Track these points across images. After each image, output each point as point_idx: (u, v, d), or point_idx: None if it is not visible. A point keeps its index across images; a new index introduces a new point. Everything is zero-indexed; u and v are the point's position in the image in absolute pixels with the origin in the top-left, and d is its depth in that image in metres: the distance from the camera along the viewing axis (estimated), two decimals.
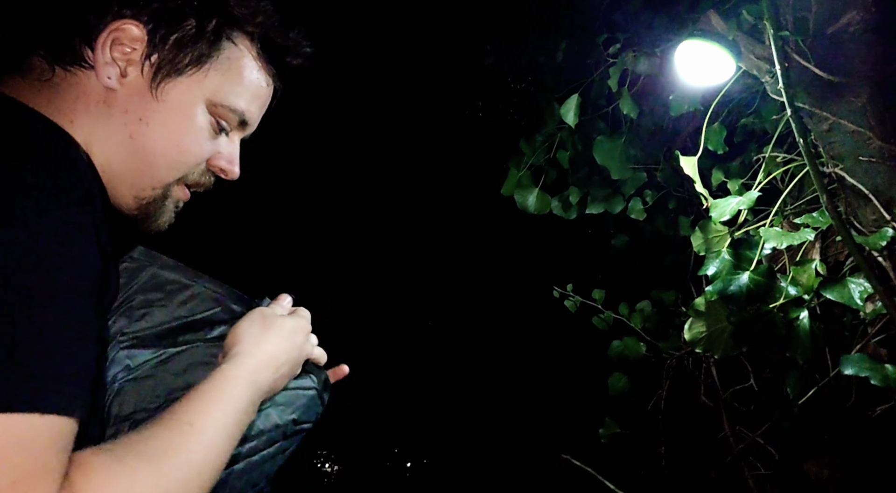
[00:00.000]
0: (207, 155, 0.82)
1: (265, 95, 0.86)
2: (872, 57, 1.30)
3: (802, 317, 1.37)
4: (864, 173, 1.35)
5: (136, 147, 0.77)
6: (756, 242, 1.44)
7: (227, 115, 0.81)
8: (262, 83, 0.84)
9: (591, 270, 2.43)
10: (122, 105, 0.76)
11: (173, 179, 0.80)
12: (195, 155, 0.80)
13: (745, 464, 1.82)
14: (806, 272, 1.38)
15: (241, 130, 0.86)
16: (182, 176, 0.81)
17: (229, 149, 0.85)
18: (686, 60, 1.53)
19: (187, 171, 0.81)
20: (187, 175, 0.82)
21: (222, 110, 0.80)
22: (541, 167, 2.17)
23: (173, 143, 0.78)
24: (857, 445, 1.47)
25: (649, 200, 2.15)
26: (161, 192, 0.80)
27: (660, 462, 2.07)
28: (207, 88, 0.79)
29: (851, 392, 1.43)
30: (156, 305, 0.84)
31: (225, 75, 0.80)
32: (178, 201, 0.85)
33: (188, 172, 0.81)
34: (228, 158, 0.85)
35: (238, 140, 0.87)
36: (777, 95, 1.39)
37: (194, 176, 0.83)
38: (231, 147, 0.86)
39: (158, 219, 0.83)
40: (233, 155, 0.86)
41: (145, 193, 0.79)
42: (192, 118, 0.79)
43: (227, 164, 0.85)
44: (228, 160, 0.85)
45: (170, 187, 0.81)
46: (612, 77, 1.88)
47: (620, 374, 2.12)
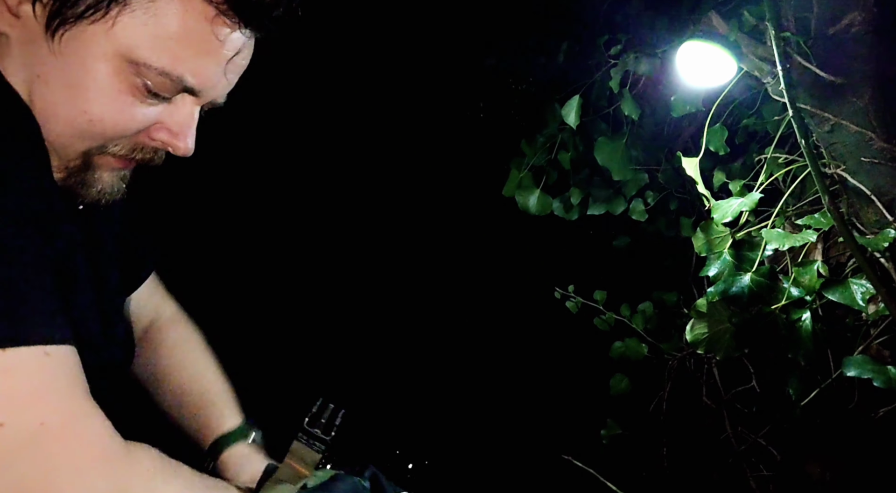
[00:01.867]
0: (136, 127, 0.65)
1: (221, 51, 0.64)
2: (874, 58, 1.29)
3: (804, 318, 1.37)
4: (866, 174, 1.35)
5: (40, 110, 0.61)
6: (758, 243, 1.44)
7: (157, 78, 0.62)
8: (212, 35, 0.62)
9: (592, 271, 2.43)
10: (19, 57, 0.61)
11: (87, 148, 0.65)
12: (112, 126, 0.63)
13: (746, 465, 1.81)
14: (808, 273, 1.38)
15: (193, 97, 0.67)
16: (103, 146, 0.66)
17: (176, 119, 0.67)
18: (687, 61, 1.53)
19: (106, 142, 0.65)
20: (111, 148, 0.66)
21: (147, 72, 0.61)
22: (542, 168, 2.17)
23: (79, 109, 0.62)
24: (859, 446, 1.47)
25: (651, 201, 2.14)
26: (79, 163, 0.66)
27: (661, 463, 2.06)
28: (120, 41, 0.60)
29: (854, 394, 1.43)
30: None
31: (146, 24, 0.60)
32: (119, 171, 0.70)
33: (107, 144, 0.66)
34: (174, 129, 0.67)
35: (193, 110, 0.68)
36: (779, 95, 1.39)
37: (121, 149, 0.67)
38: (179, 117, 0.67)
39: (90, 189, 0.69)
40: (181, 126, 0.68)
41: (63, 163, 0.66)
42: (99, 79, 0.61)
43: (170, 137, 0.68)
44: (172, 132, 0.68)
45: (91, 157, 0.66)
46: (614, 78, 1.88)
47: (622, 375, 2.12)
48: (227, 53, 0.65)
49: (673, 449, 2.05)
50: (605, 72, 1.97)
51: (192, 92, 0.66)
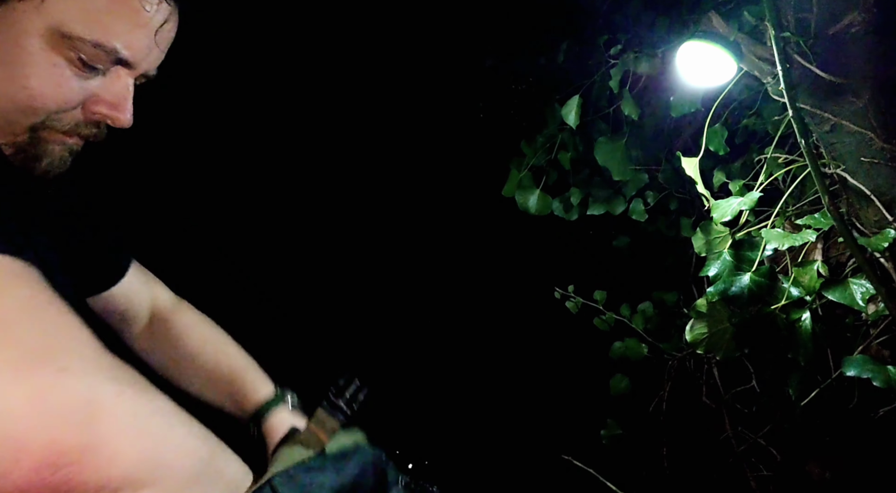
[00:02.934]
0: (76, 99, 0.67)
1: (148, 21, 0.67)
2: (874, 58, 1.29)
3: (804, 318, 1.37)
4: (866, 174, 1.35)
5: None
6: (758, 243, 1.44)
7: (90, 50, 0.64)
8: (140, 6, 0.65)
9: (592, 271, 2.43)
10: None
11: (32, 123, 0.67)
12: (52, 99, 0.66)
13: (746, 465, 1.81)
14: (808, 273, 1.38)
15: (127, 69, 0.69)
16: (44, 121, 0.67)
17: (113, 91, 0.69)
18: (687, 61, 1.53)
19: (46, 117, 0.67)
20: (52, 121, 0.68)
21: (80, 44, 0.63)
22: (542, 168, 2.17)
23: (18, 84, 0.64)
24: (859, 446, 1.47)
25: (651, 201, 2.14)
26: (27, 137, 0.68)
27: (661, 463, 2.06)
28: (51, 16, 0.62)
29: (854, 394, 1.43)
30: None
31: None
32: (66, 147, 0.71)
33: (50, 118, 0.67)
34: (112, 102, 0.70)
35: (128, 81, 0.70)
36: (778, 95, 1.39)
37: (65, 124, 0.69)
38: (115, 89, 0.69)
39: (40, 164, 0.70)
40: (118, 98, 0.70)
41: (9, 139, 0.67)
42: (34, 54, 0.63)
43: (109, 110, 0.70)
44: (111, 105, 0.70)
45: (37, 132, 0.68)
46: (614, 78, 1.88)
47: (622, 375, 2.12)
48: (156, 24, 0.68)
49: (673, 449, 2.05)
50: (605, 72, 1.97)
51: (126, 63, 0.68)
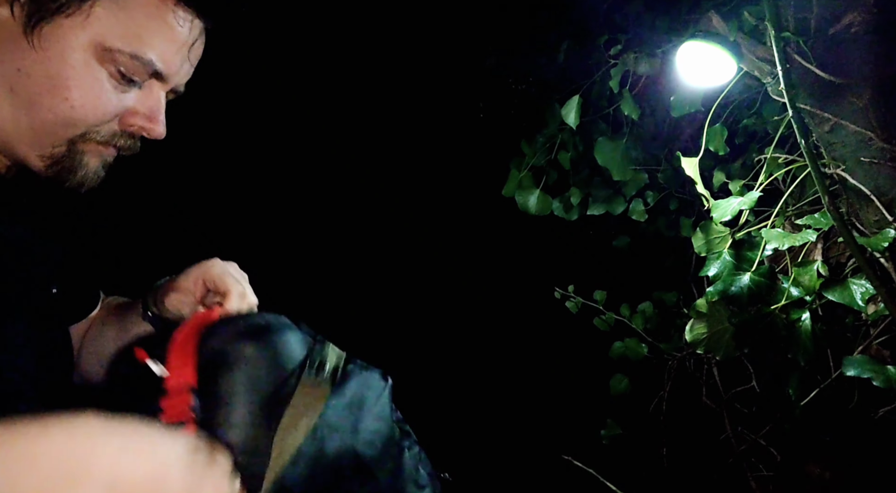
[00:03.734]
0: (114, 111, 0.71)
1: (182, 37, 0.72)
2: (874, 58, 1.29)
3: (804, 318, 1.37)
4: (866, 174, 1.35)
5: (21, 102, 0.66)
6: (757, 243, 1.44)
7: (129, 63, 0.68)
8: (175, 23, 0.70)
9: (592, 271, 2.43)
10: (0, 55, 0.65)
11: (72, 136, 0.70)
12: (93, 111, 0.69)
13: (746, 465, 1.81)
14: (808, 273, 1.38)
15: (161, 83, 0.73)
16: (84, 133, 0.70)
17: (148, 104, 0.73)
18: (687, 61, 1.53)
19: (88, 128, 0.70)
20: (91, 133, 0.71)
21: (120, 57, 0.67)
22: (542, 168, 2.17)
23: (61, 96, 0.67)
24: (859, 446, 1.47)
25: (650, 202, 2.14)
26: (65, 149, 0.70)
27: (661, 464, 2.06)
28: (95, 31, 0.66)
29: (854, 394, 1.43)
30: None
31: (117, 15, 0.67)
32: (101, 158, 0.74)
33: (90, 130, 0.70)
34: (147, 114, 0.73)
35: (161, 94, 0.74)
36: (778, 95, 1.39)
37: (103, 135, 0.72)
38: (150, 102, 0.73)
39: (75, 176, 0.72)
40: (153, 111, 0.74)
41: (46, 151, 0.70)
42: (78, 67, 0.66)
43: (145, 122, 0.73)
44: (147, 117, 0.73)
45: (75, 144, 0.71)
46: (614, 78, 1.88)
47: (622, 375, 2.12)
48: (188, 40, 0.73)
49: (673, 449, 2.05)
50: (605, 72, 1.97)
51: (160, 76, 0.72)
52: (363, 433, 0.65)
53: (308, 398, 0.64)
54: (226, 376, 0.61)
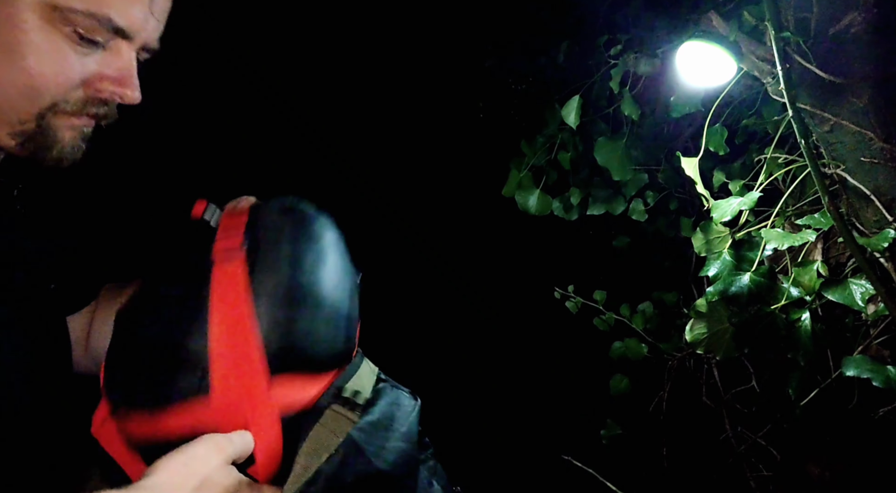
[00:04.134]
0: (78, 76, 0.65)
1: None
2: (874, 58, 1.29)
3: (804, 318, 1.37)
4: (866, 174, 1.35)
5: None
6: (757, 243, 1.44)
7: (85, 22, 0.62)
8: None
9: (592, 271, 2.43)
10: None
11: (39, 109, 0.65)
12: (54, 78, 0.63)
13: (746, 465, 1.81)
14: (807, 273, 1.38)
15: (128, 42, 0.67)
16: (52, 105, 0.65)
17: (116, 66, 0.67)
18: (687, 61, 1.53)
19: (54, 98, 0.65)
20: (59, 104, 0.65)
21: (75, 17, 0.62)
22: (542, 168, 2.17)
23: (17, 66, 0.61)
24: (859, 446, 1.47)
25: (650, 202, 2.14)
26: (35, 125, 0.65)
27: (661, 464, 2.06)
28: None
29: (853, 394, 1.43)
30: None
31: None
32: (75, 130, 0.69)
33: (57, 100, 0.65)
34: (116, 77, 0.68)
35: (130, 55, 0.68)
36: (778, 96, 1.39)
37: (72, 105, 0.66)
38: (118, 63, 0.67)
39: (51, 153, 0.67)
40: (122, 73, 0.68)
41: (16, 129, 0.65)
42: (30, 31, 0.61)
43: (115, 86, 0.68)
44: (117, 81, 0.68)
45: (44, 118, 0.66)
46: (614, 78, 1.88)
47: (622, 375, 2.12)
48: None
49: (673, 449, 2.05)
50: (604, 72, 1.97)
51: (124, 34, 0.66)
52: (388, 453, 0.68)
53: (338, 422, 0.67)
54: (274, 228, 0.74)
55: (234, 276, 0.68)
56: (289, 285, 0.70)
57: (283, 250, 0.72)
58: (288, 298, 0.69)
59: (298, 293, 0.70)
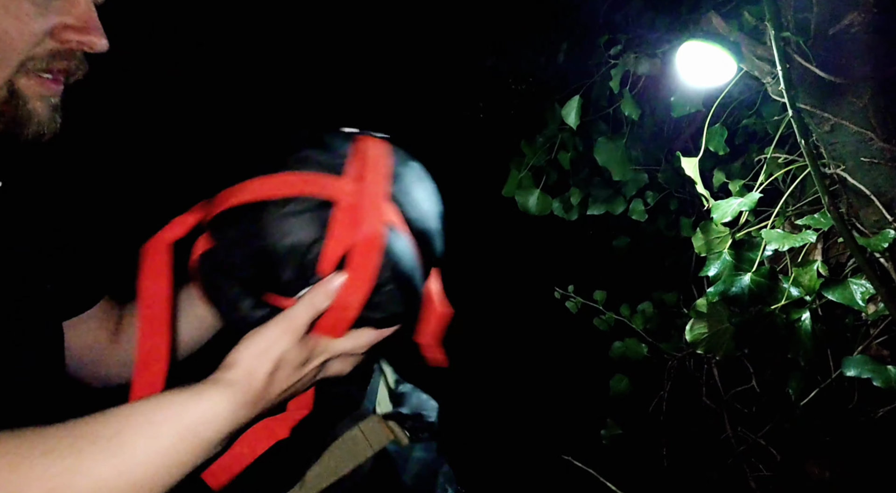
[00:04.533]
0: (40, 29, 0.62)
1: None
2: (874, 58, 1.29)
3: (804, 318, 1.37)
4: (866, 174, 1.35)
5: None
6: (757, 243, 1.44)
7: None
8: None
9: (592, 271, 2.43)
10: None
11: (9, 72, 0.62)
12: (18, 34, 0.61)
13: (746, 465, 1.81)
14: (808, 273, 1.38)
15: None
16: (20, 65, 0.62)
17: (76, 13, 0.64)
18: (687, 61, 1.53)
19: (23, 56, 0.62)
20: (27, 62, 0.63)
21: None
22: (542, 168, 2.17)
23: None
24: (859, 446, 1.47)
25: (650, 202, 2.14)
26: (6, 92, 0.63)
27: (661, 463, 2.06)
28: None
29: (853, 394, 1.43)
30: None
31: None
32: (49, 98, 0.66)
33: (24, 59, 0.62)
34: (78, 25, 0.64)
35: (87, 1, 0.66)
36: (778, 95, 1.39)
37: (40, 61, 0.64)
38: (77, 11, 0.64)
39: (28, 127, 0.65)
40: (84, 19, 0.65)
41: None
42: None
43: (80, 35, 0.65)
44: (79, 29, 0.64)
45: (14, 84, 0.63)
46: (614, 78, 1.88)
47: (622, 375, 2.12)
48: None
49: (673, 449, 2.05)
50: (605, 72, 1.97)
51: None
52: (413, 464, 0.71)
53: (377, 433, 0.71)
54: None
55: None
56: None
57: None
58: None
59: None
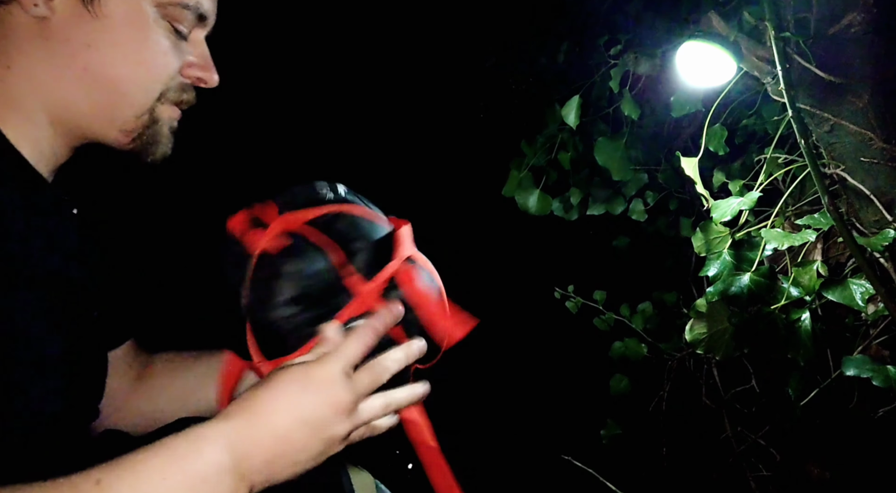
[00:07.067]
0: (178, 65, 0.72)
1: None
2: (874, 58, 1.29)
3: (804, 318, 1.37)
4: (866, 174, 1.35)
5: (96, 78, 0.67)
6: (757, 243, 1.44)
7: (180, 13, 0.70)
8: None
9: (592, 271, 2.43)
10: (61, 34, 0.65)
11: (152, 100, 0.71)
12: (164, 68, 0.70)
13: (746, 465, 1.81)
14: (807, 273, 1.38)
15: (201, 28, 0.75)
16: (161, 95, 0.71)
17: (198, 52, 0.75)
18: (687, 61, 1.53)
19: (163, 88, 0.71)
20: (165, 92, 0.72)
21: (173, 10, 0.69)
22: (542, 168, 2.17)
23: (134, 61, 0.68)
24: (859, 446, 1.47)
25: (650, 202, 2.14)
26: (148, 118, 0.71)
27: (661, 464, 2.06)
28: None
29: (853, 394, 1.43)
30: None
31: None
32: (172, 122, 0.75)
33: (165, 89, 0.71)
34: (201, 64, 0.75)
35: (204, 40, 0.76)
36: (778, 96, 1.39)
37: (173, 93, 0.73)
38: (199, 49, 0.75)
39: (157, 148, 0.74)
40: (205, 58, 0.75)
41: (130, 125, 0.70)
42: (144, 28, 0.68)
43: (201, 71, 0.75)
44: (202, 66, 0.75)
45: (154, 110, 0.72)
46: (614, 78, 1.88)
47: (622, 375, 2.12)
48: None
49: (673, 449, 2.05)
50: (604, 72, 1.97)
51: (202, 19, 0.73)
52: None
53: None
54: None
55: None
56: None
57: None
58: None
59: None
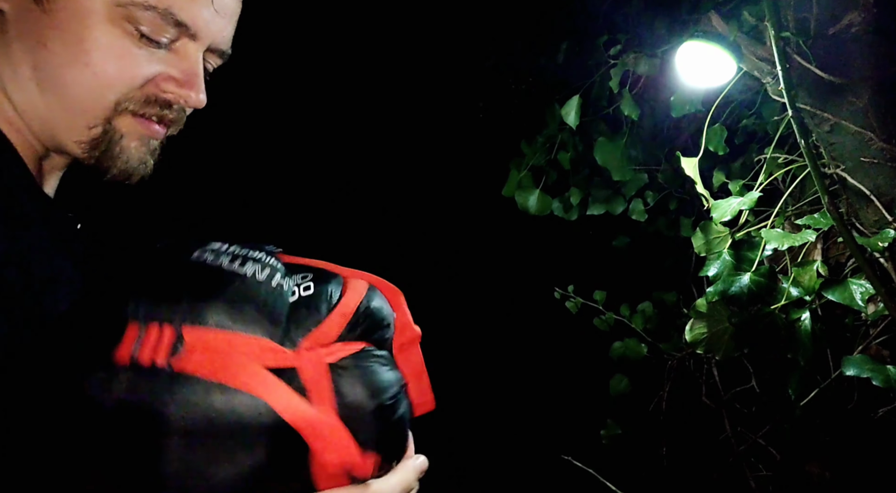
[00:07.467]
0: (142, 74, 0.63)
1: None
2: (874, 58, 1.29)
3: (804, 318, 1.37)
4: (866, 174, 1.35)
5: (45, 78, 0.60)
6: (757, 243, 1.44)
7: (142, 15, 0.60)
8: None
9: (592, 271, 2.43)
10: (16, 29, 0.60)
11: (105, 109, 0.63)
12: (118, 75, 0.62)
13: (746, 465, 1.81)
14: (807, 273, 1.38)
15: (190, 40, 0.65)
16: (115, 104, 0.63)
17: (181, 67, 0.65)
18: (687, 61, 1.53)
19: (118, 96, 0.63)
20: (122, 102, 0.63)
21: (134, 10, 0.60)
22: (542, 168, 2.17)
23: (81, 63, 0.60)
24: (859, 446, 1.47)
25: (650, 201, 2.14)
26: (101, 129, 0.64)
27: (661, 463, 2.06)
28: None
29: (853, 394, 1.43)
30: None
31: None
32: (149, 139, 0.67)
33: (120, 99, 0.63)
34: (181, 78, 0.65)
35: (197, 56, 0.66)
36: (778, 96, 1.39)
37: (136, 103, 0.64)
38: (183, 65, 0.65)
39: (119, 163, 0.66)
40: (187, 74, 0.65)
41: (82, 135, 0.63)
42: (91, 26, 0.60)
43: (176, 87, 0.65)
44: (179, 81, 0.65)
45: (111, 121, 0.64)
46: (613, 78, 1.88)
47: (622, 375, 2.12)
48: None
49: (673, 449, 2.05)
50: (604, 72, 1.97)
51: (188, 32, 0.64)
52: None
53: None
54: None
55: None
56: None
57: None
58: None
59: None
